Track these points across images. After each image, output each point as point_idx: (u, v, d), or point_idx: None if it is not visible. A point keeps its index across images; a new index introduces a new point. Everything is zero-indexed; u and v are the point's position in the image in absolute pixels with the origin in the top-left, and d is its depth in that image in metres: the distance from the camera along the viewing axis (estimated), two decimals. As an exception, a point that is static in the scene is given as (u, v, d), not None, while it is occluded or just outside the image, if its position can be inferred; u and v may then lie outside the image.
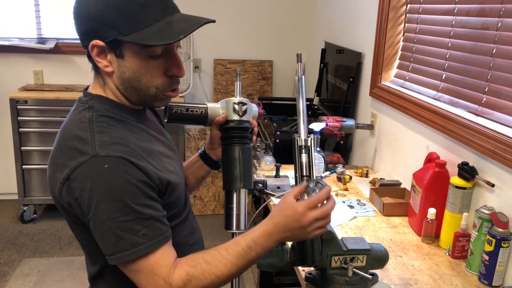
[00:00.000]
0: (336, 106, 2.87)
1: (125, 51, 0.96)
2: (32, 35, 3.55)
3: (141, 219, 0.93)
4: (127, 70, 0.98)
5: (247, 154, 1.21)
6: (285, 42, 3.74)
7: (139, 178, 0.94)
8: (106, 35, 0.94)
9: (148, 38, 0.93)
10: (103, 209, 0.91)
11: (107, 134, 0.97)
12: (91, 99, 1.02)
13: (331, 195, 1.02)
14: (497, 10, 1.50)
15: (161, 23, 0.95)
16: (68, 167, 0.94)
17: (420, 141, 1.88)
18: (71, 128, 0.99)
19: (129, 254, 0.92)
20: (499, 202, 1.41)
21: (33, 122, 3.26)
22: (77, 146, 0.94)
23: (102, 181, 0.91)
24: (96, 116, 0.99)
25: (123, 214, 0.92)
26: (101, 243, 0.95)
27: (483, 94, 1.56)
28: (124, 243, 0.92)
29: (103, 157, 0.92)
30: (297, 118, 1.20)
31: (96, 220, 0.93)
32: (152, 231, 0.94)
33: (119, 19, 0.93)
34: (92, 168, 0.92)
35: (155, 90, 1.01)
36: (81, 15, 0.95)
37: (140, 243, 0.92)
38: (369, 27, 2.37)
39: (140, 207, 0.93)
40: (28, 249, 3.07)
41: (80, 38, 0.99)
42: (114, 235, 0.92)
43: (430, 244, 1.56)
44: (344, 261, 1.14)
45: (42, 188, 3.38)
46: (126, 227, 0.92)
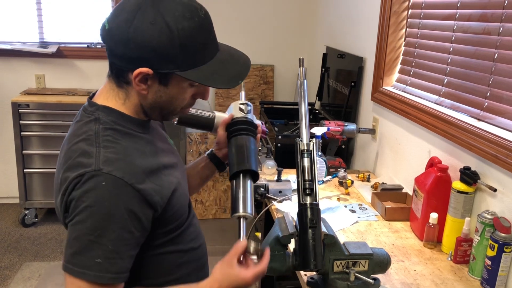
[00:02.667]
0: (337, 111, 2.87)
1: (172, 80, 0.98)
2: (34, 39, 3.56)
3: (106, 248, 0.91)
4: (165, 95, 1.00)
5: (253, 144, 1.21)
6: (287, 46, 3.75)
7: (130, 207, 0.93)
8: (161, 66, 0.94)
9: (209, 79, 0.97)
10: (81, 220, 0.91)
11: (113, 150, 0.96)
12: (97, 110, 1.01)
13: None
14: (498, 15, 1.50)
15: (215, 62, 1.00)
16: (69, 179, 0.94)
17: (422, 145, 1.88)
18: (77, 141, 0.98)
19: (77, 272, 0.90)
20: (501, 207, 1.41)
21: (35, 126, 3.26)
22: (82, 160, 0.94)
23: (92, 196, 0.91)
24: (103, 129, 0.98)
25: (94, 234, 0.90)
26: (65, 247, 0.94)
27: (485, 98, 1.56)
28: (79, 259, 0.90)
29: (105, 174, 0.92)
30: (299, 122, 1.20)
31: (71, 226, 0.93)
32: (109, 265, 0.92)
33: (181, 56, 0.94)
34: (89, 182, 0.91)
35: (180, 109, 1.05)
36: (138, 42, 0.91)
37: (91, 268, 0.90)
38: (371, 32, 2.38)
39: (114, 235, 0.92)
40: (29, 253, 3.07)
41: (121, 60, 0.95)
42: (74, 247, 0.91)
43: (432, 248, 1.56)
44: (346, 266, 1.14)
45: (43, 192, 3.38)
46: (89, 247, 0.90)
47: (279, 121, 3.00)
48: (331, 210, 1.80)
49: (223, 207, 3.67)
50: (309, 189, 1.11)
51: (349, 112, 2.62)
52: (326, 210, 1.80)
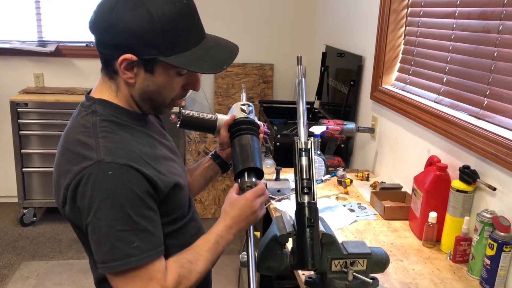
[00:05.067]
0: (337, 110, 2.86)
1: (157, 68, 0.98)
2: (33, 38, 3.55)
3: (137, 230, 0.93)
4: (152, 84, 1.00)
5: (256, 143, 1.23)
6: (286, 45, 3.74)
7: (141, 188, 0.94)
8: (144, 53, 0.95)
9: (192, 64, 0.97)
10: (102, 215, 0.91)
11: (111, 139, 0.97)
12: (93, 104, 1.02)
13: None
14: (498, 13, 1.49)
15: (199, 49, 0.99)
16: (71, 172, 0.93)
17: (421, 144, 1.87)
18: (74, 134, 0.99)
19: (121, 265, 0.91)
20: (500, 206, 1.40)
21: (34, 125, 3.26)
22: (81, 152, 0.94)
23: (104, 187, 0.91)
24: (100, 121, 0.99)
25: (121, 222, 0.91)
26: (94, 249, 0.94)
27: (484, 97, 1.55)
28: (117, 253, 0.91)
29: (108, 163, 0.92)
30: (297, 121, 1.19)
31: (93, 226, 0.92)
32: (146, 244, 0.94)
33: (163, 41, 0.94)
34: (95, 173, 0.91)
35: (170, 101, 1.05)
36: (120, 29, 0.93)
37: (133, 254, 0.92)
38: (370, 30, 2.37)
39: (139, 217, 0.93)
40: (27, 252, 3.06)
41: (106, 48, 0.97)
42: (109, 243, 0.91)
43: (431, 248, 1.55)
44: (345, 265, 1.13)
45: (42, 191, 3.37)
46: (121, 237, 0.91)
47: (279, 120, 2.99)
48: (329, 209, 1.79)
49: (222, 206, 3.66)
50: (307, 188, 1.11)
51: (348, 111, 2.61)
52: (325, 209, 1.79)
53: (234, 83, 3.72)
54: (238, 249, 2.81)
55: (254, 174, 1.17)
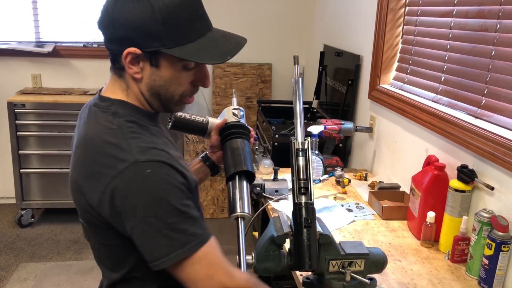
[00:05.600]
0: (335, 109, 2.86)
1: (162, 61, 0.97)
2: (30, 39, 3.54)
3: (187, 219, 0.94)
4: (159, 79, 0.99)
5: (248, 147, 1.23)
6: (284, 45, 3.73)
7: (179, 180, 0.95)
8: (147, 45, 0.94)
9: (195, 55, 0.96)
10: (151, 213, 0.91)
11: (140, 140, 0.97)
12: (112, 104, 1.02)
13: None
14: (496, 11, 1.49)
15: (204, 40, 0.98)
16: (107, 175, 0.92)
17: (419, 144, 1.86)
18: (100, 135, 0.97)
19: (184, 252, 0.92)
20: (499, 206, 1.40)
21: (31, 125, 3.25)
22: (113, 153, 0.93)
23: (146, 186, 0.91)
24: (125, 122, 0.99)
25: (170, 215, 0.92)
26: (149, 248, 0.93)
27: (482, 96, 1.55)
28: (177, 243, 0.92)
29: (144, 162, 0.92)
30: (294, 120, 1.19)
31: (144, 226, 0.92)
32: (198, 228, 0.95)
33: (165, 33, 0.93)
34: (134, 174, 0.91)
35: (179, 97, 1.04)
36: (121, 22, 0.93)
37: (190, 240, 0.93)
38: (368, 30, 2.36)
39: (185, 207, 0.94)
40: (25, 253, 3.05)
41: (111, 43, 0.98)
42: (165, 237, 0.92)
43: (430, 248, 1.55)
44: (342, 266, 1.12)
45: (40, 192, 3.36)
46: (176, 228, 0.92)
47: (277, 120, 2.98)
48: (327, 209, 1.79)
49: (220, 206, 3.66)
50: (304, 188, 1.10)
51: (346, 111, 2.60)
52: (323, 209, 1.78)
53: (232, 83, 3.71)
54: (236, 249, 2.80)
55: (245, 177, 1.17)
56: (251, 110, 3.74)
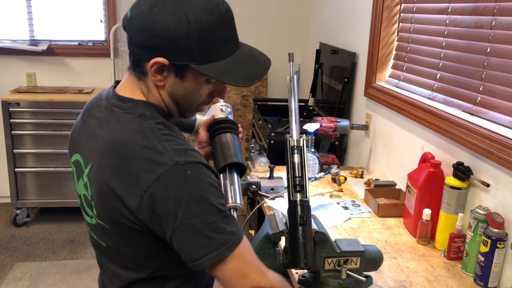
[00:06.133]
0: (331, 107, 2.85)
1: (188, 74, 0.97)
2: (25, 37, 3.52)
3: (225, 217, 0.94)
4: (181, 89, 1.00)
5: (237, 141, 1.24)
6: (280, 43, 3.72)
7: (215, 180, 0.97)
8: (176, 58, 0.94)
9: (223, 75, 0.97)
10: (191, 214, 0.91)
11: (174, 142, 0.96)
12: (136, 106, 1.00)
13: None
14: (491, 8, 1.49)
15: (232, 59, 0.99)
16: (146, 179, 0.91)
17: (415, 141, 1.86)
18: (131, 139, 0.95)
19: (222, 252, 0.92)
20: (494, 202, 1.40)
21: (26, 124, 3.23)
22: (151, 157, 0.92)
23: (187, 188, 0.91)
24: (154, 124, 0.98)
25: (210, 215, 0.92)
26: (190, 249, 0.93)
27: (478, 93, 1.54)
28: (215, 243, 0.92)
29: (183, 164, 0.92)
30: (289, 118, 1.18)
31: (184, 227, 0.91)
32: (234, 227, 0.95)
33: (197, 50, 0.93)
34: (175, 177, 0.91)
35: (196, 106, 1.06)
36: (155, 31, 0.92)
37: (228, 239, 0.93)
38: (363, 27, 2.36)
39: (222, 206, 0.95)
40: (20, 253, 3.04)
41: (139, 48, 0.96)
42: (204, 238, 0.91)
43: (425, 245, 1.55)
44: (338, 263, 1.12)
45: (35, 191, 3.35)
46: (215, 227, 0.92)
47: (273, 118, 2.97)
48: (323, 207, 1.79)
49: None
50: (299, 186, 1.10)
51: (342, 108, 2.60)
52: (319, 207, 1.78)
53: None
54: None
55: (236, 170, 1.18)
56: (247, 108, 3.74)
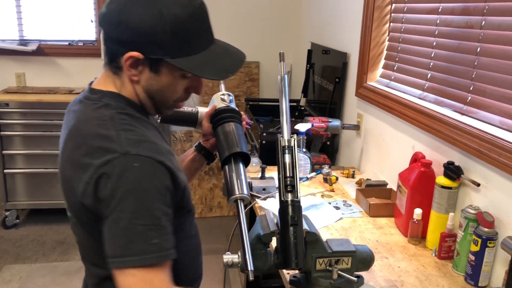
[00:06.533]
0: (322, 107, 2.85)
1: (163, 68, 0.97)
2: (14, 37, 3.49)
3: (157, 226, 0.90)
4: (156, 84, 0.99)
5: (240, 130, 1.22)
6: (272, 43, 3.72)
7: (163, 182, 0.93)
8: (150, 52, 0.94)
9: (197, 68, 0.96)
10: (124, 208, 0.88)
11: (132, 132, 0.95)
12: (104, 96, 1.00)
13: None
14: (480, 8, 1.49)
15: (207, 53, 0.99)
16: (93, 165, 0.90)
17: (406, 141, 1.86)
18: (89, 127, 0.96)
19: (135, 261, 0.87)
20: (484, 202, 1.40)
21: (16, 125, 3.20)
22: (103, 145, 0.92)
23: (129, 179, 0.89)
24: (117, 114, 0.97)
25: (141, 216, 0.89)
26: (109, 242, 0.90)
27: (468, 93, 1.55)
28: (134, 248, 0.88)
29: (133, 155, 0.90)
30: (280, 118, 1.18)
31: (113, 218, 0.89)
32: (165, 242, 0.91)
33: (171, 42, 0.93)
34: (120, 165, 0.89)
35: (172, 102, 1.05)
36: (128, 25, 0.92)
37: (149, 251, 0.88)
38: (354, 27, 2.36)
39: (160, 213, 0.91)
40: (10, 255, 3.00)
41: (113, 43, 0.96)
42: (125, 237, 0.88)
43: (417, 245, 1.55)
44: (329, 264, 1.11)
45: (25, 193, 3.31)
46: (140, 231, 0.88)
47: (265, 118, 2.97)
48: (315, 207, 1.78)
49: (209, 205, 3.64)
50: (290, 186, 1.09)
51: (334, 109, 2.60)
52: (310, 207, 1.78)
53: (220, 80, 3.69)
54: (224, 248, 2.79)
55: (240, 159, 1.16)
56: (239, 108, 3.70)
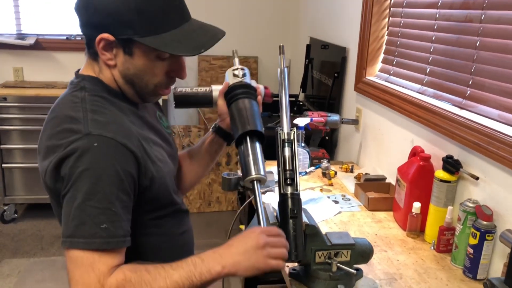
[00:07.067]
0: (321, 102, 2.85)
1: (135, 49, 0.96)
2: (11, 31, 3.47)
3: (109, 211, 0.89)
4: (132, 67, 0.98)
5: (255, 106, 1.15)
6: (270, 37, 3.72)
7: (125, 166, 0.91)
8: (120, 32, 0.93)
9: (168, 45, 0.94)
10: (79, 187, 0.88)
11: (101, 114, 0.95)
12: (82, 80, 1.01)
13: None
14: (480, 2, 1.49)
15: (179, 31, 0.97)
16: (60, 146, 0.91)
17: (404, 135, 1.87)
18: (62, 109, 0.97)
19: (83, 243, 0.87)
20: (483, 195, 1.41)
21: (14, 119, 3.19)
22: (69, 126, 0.92)
23: (86, 159, 0.88)
24: (89, 95, 0.98)
25: (95, 198, 0.88)
26: (63, 221, 0.90)
27: (467, 87, 1.55)
28: (83, 230, 0.87)
29: (95, 136, 0.90)
30: (280, 111, 1.18)
31: (69, 196, 0.89)
32: (115, 228, 0.90)
33: (138, 21, 0.93)
34: (81, 145, 0.89)
35: (153, 87, 1.02)
36: (96, 7, 0.92)
37: (98, 235, 0.87)
38: (354, 22, 2.36)
39: (114, 198, 0.90)
40: (8, 249, 3.00)
41: (86, 27, 0.97)
42: (77, 218, 0.88)
43: (415, 238, 1.55)
44: (328, 256, 1.12)
45: (23, 187, 3.31)
46: (92, 214, 0.88)
47: (263, 113, 2.96)
48: (314, 201, 1.79)
49: (207, 200, 3.64)
50: (290, 179, 1.10)
51: (333, 103, 2.60)
52: (309, 201, 1.78)
53: (219, 76, 3.68)
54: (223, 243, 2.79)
55: (256, 138, 1.10)
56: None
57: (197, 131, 3.58)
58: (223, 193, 3.63)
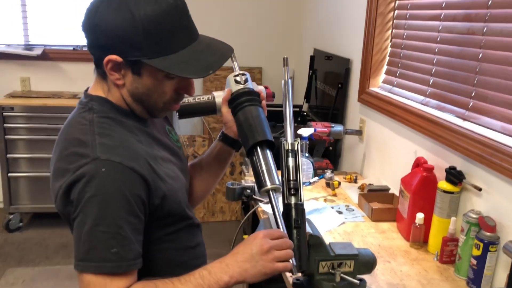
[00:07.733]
0: (325, 113, 2.87)
1: (144, 70, 0.96)
2: (19, 42, 3.52)
3: (119, 235, 0.90)
4: (141, 87, 0.98)
5: (261, 114, 1.15)
6: (274, 48, 3.74)
7: (133, 190, 0.92)
8: (128, 54, 0.93)
9: (176, 67, 0.94)
10: (88, 212, 0.90)
11: (109, 137, 0.96)
12: (90, 101, 1.02)
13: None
14: (482, 15, 1.51)
15: (186, 51, 0.96)
16: (68, 171, 0.92)
17: (408, 146, 1.88)
18: (71, 132, 0.98)
19: (95, 267, 0.89)
20: (486, 206, 1.41)
21: (20, 129, 3.22)
22: (78, 151, 0.93)
23: (95, 184, 0.90)
24: (97, 118, 0.98)
25: (104, 223, 0.90)
26: (74, 245, 0.93)
27: (470, 98, 1.56)
28: (94, 254, 0.89)
29: (103, 160, 0.91)
30: (284, 122, 1.19)
31: (79, 221, 0.91)
32: (125, 252, 0.91)
33: (146, 43, 0.92)
34: (90, 170, 0.90)
35: (163, 105, 1.03)
36: (103, 29, 0.92)
37: (109, 259, 0.89)
38: (357, 33, 2.38)
39: (123, 222, 0.91)
40: (13, 258, 3.01)
41: (93, 48, 0.97)
42: (88, 242, 0.90)
43: (419, 249, 1.56)
44: (332, 267, 1.12)
45: (29, 196, 3.32)
46: (101, 239, 0.90)
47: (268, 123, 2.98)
48: (318, 211, 1.79)
49: (211, 210, 3.65)
50: (293, 189, 1.10)
51: (336, 114, 2.62)
52: (313, 211, 1.79)
53: (223, 86, 3.70)
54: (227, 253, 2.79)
55: (266, 146, 1.10)
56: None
57: (201, 141, 3.60)
58: (227, 203, 3.64)
